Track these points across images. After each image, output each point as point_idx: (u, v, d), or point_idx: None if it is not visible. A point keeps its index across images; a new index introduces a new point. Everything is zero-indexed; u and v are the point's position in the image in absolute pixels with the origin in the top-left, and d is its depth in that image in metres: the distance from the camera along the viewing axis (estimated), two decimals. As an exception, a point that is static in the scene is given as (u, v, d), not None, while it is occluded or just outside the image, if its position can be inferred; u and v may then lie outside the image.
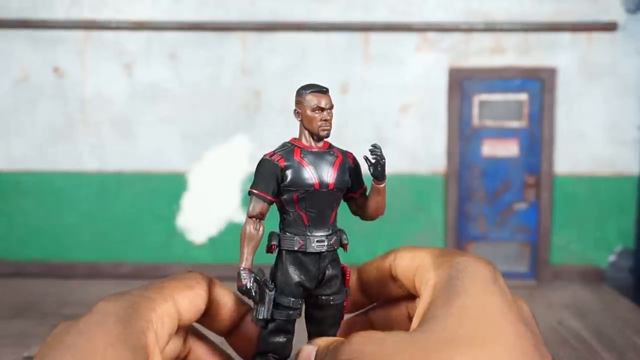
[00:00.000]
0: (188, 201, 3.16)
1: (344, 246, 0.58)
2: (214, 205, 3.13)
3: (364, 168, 0.58)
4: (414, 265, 0.45)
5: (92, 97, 3.10)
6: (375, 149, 0.55)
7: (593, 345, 1.35)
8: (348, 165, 0.57)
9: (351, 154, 0.58)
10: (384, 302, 0.54)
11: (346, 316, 0.56)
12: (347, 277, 0.58)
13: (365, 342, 0.37)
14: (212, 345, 0.51)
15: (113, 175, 3.13)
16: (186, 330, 0.49)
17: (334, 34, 3.09)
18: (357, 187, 0.58)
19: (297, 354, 0.48)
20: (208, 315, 0.49)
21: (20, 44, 3.08)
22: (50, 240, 3.15)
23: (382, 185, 0.56)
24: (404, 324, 0.53)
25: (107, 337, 0.36)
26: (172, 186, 3.14)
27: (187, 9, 3.06)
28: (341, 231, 0.59)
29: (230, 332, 0.52)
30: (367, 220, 0.59)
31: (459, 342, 0.34)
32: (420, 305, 0.39)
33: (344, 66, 3.11)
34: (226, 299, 0.51)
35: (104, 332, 0.36)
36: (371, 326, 0.53)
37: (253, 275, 0.54)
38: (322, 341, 0.46)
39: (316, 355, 0.45)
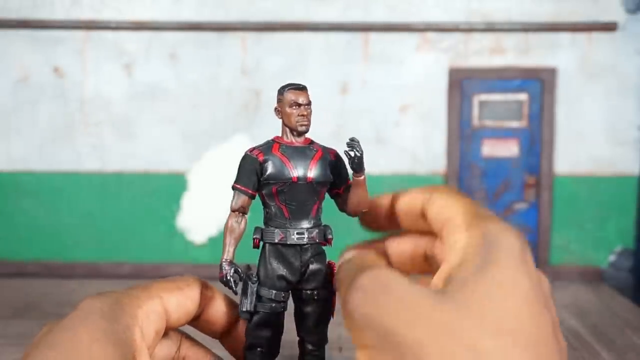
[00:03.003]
0: (188, 201, 3.16)
1: (328, 240, 0.58)
2: (214, 205, 3.13)
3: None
4: (445, 216, 0.42)
5: (92, 97, 3.10)
6: (352, 142, 0.55)
7: (593, 345, 1.35)
8: (329, 160, 0.58)
9: (334, 150, 0.59)
10: (403, 234, 0.52)
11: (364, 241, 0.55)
12: (334, 274, 0.59)
13: (391, 282, 0.34)
14: (207, 351, 0.50)
15: (113, 175, 3.12)
16: (180, 336, 0.49)
17: (334, 34, 3.09)
18: (340, 183, 0.59)
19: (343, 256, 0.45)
20: (201, 318, 0.49)
21: (20, 44, 3.08)
22: (50, 240, 3.15)
23: (361, 178, 0.56)
24: (419, 263, 0.51)
25: (92, 333, 0.36)
26: (172, 186, 3.14)
27: (187, 9, 3.06)
28: (326, 226, 0.59)
29: (224, 334, 0.52)
30: (351, 215, 0.58)
31: (486, 323, 0.31)
32: (446, 266, 0.36)
33: (343, 66, 3.11)
34: (219, 303, 0.50)
35: (89, 328, 0.36)
36: (383, 254, 0.51)
37: (234, 266, 0.55)
38: (357, 256, 0.44)
39: (345, 260, 0.41)
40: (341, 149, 0.62)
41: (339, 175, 0.58)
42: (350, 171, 0.60)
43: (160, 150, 3.13)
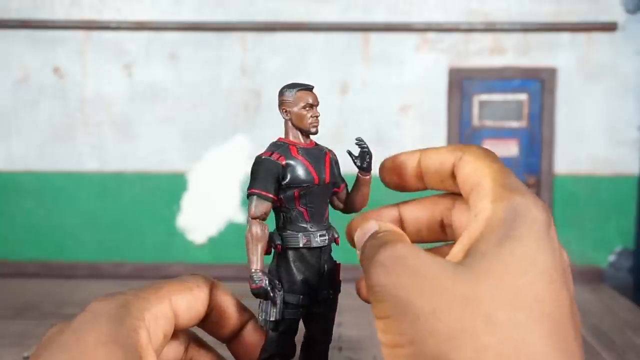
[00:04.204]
0: (188, 201, 3.16)
1: (335, 240, 0.59)
2: (214, 205, 3.13)
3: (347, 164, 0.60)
4: (473, 181, 0.41)
5: (92, 97, 3.10)
6: (361, 142, 0.56)
7: (593, 345, 1.35)
8: (335, 160, 0.59)
9: (332, 150, 0.60)
10: (418, 202, 0.51)
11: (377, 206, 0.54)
12: (338, 272, 0.59)
13: (408, 256, 0.35)
14: (215, 354, 0.50)
15: (113, 175, 3.13)
16: (188, 338, 0.48)
17: (334, 34, 3.09)
18: (340, 181, 0.60)
19: (352, 225, 0.47)
20: (209, 320, 0.48)
21: (20, 44, 3.08)
22: (50, 240, 3.15)
23: (368, 177, 0.58)
24: (434, 231, 0.50)
25: (99, 336, 0.36)
26: (172, 186, 3.14)
27: (187, 9, 3.06)
28: (332, 226, 0.60)
29: (232, 339, 0.51)
30: (350, 213, 0.59)
31: (501, 294, 0.32)
32: (467, 235, 0.37)
33: (343, 66, 3.11)
34: (229, 305, 0.50)
35: (96, 331, 0.36)
36: (398, 221, 0.51)
37: (267, 277, 0.53)
38: (383, 226, 0.43)
39: (369, 237, 0.42)
40: (341, 149, 0.62)
41: (339, 175, 0.60)
42: (340, 169, 0.61)
43: (160, 150, 3.13)
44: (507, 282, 0.32)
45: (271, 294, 0.53)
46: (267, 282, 0.53)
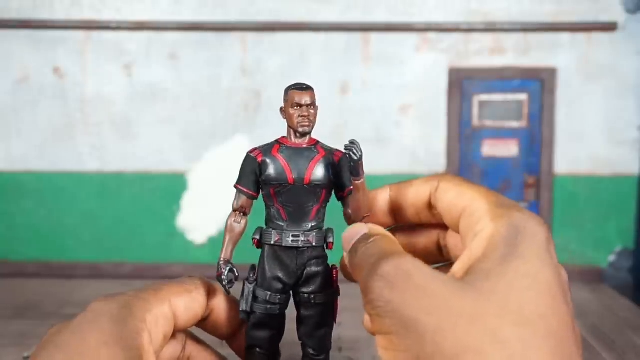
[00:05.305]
0: (188, 201, 3.16)
1: (327, 244, 0.57)
2: (214, 205, 3.14)
3: None
4: (461, 204, 0.41)
5: (92, 97, 3.10)
6: (351, 145, 0.54)
7: (593, 345, 1.35)
8: (331, 162, 0.57)
9: (339, 152, 0.58)
10: (414, 225, 0.51)
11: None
12: (334, 278, 0.58)
13: (412, 271, 0.34)
14: (212, 351, 0.50)
15: (113, 175, 3.13)
16: (185, 336, 0.49)
17: (334, 34, 3.10)
18: (344, 186, 0.57)
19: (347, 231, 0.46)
20: (208, 321, 0.49)
21: (20, 44, 3.08)
22: (50, 240, 3.15)
23: (359, 182, 0.55)
24: (432, 254, 0.50)
25: (101, 336, 0.35)
26: (172, 186, 3.15)
27: (187, 9, 3.07)
28: (328, 229, 0.58)
29: (230, 336, 0.52)
30: (349, 219, 0.56)
31: (507, 312, 0.32)
32: (468, 254, 0.37)
33: (343, 66, 3.11)
34: (226, 306, 0.50)
35: (97, 332, 0.36)
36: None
37: (229, 266, 0.55)
38: (374, 229, 0.43)
39: (360, 238, 0.42)
40: (341, 149, 0.61)
41: (342, 178, 0.57)
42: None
43: (160, 150, 3.13)
44: (511, 299, 0.32)
45: (225, 284, 0.55)
46: (226, 272, 0.55)
